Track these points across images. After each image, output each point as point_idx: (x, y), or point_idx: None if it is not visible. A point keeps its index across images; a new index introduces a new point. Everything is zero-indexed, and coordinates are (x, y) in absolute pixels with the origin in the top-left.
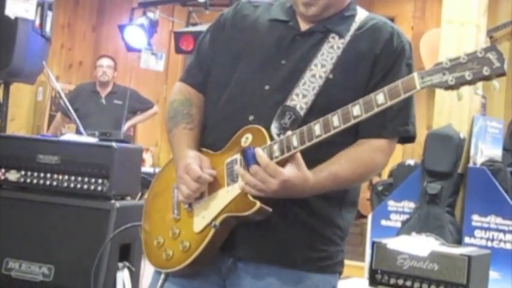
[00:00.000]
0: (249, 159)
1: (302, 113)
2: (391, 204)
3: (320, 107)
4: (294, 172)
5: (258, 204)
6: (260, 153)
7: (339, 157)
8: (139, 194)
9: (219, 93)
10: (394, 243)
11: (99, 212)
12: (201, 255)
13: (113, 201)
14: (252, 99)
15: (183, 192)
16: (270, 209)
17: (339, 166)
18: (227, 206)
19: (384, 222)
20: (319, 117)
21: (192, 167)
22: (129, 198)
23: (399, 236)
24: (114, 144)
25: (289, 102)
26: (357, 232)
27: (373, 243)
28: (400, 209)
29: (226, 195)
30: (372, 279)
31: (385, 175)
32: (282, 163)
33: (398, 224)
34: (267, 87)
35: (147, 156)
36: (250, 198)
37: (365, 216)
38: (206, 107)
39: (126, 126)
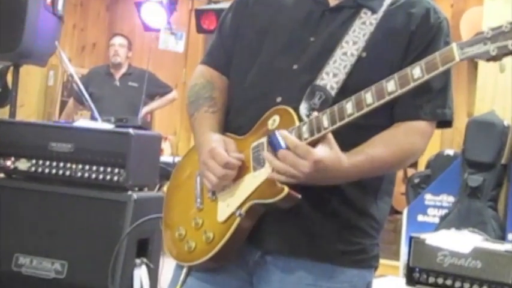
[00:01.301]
0: (276, 143)
1: (333, 93)
2: (429, 198)
3: (352, 86)
4: (327, 152)
5: (286, 189)
6: (287, 134)
7: (375, 140)
8: (157, 186)
9: (244, 75)
10: (433, 238)
11: (115, 204)
12: (226, 246)
13: (129, 193)
14: (279, 80)
15: (210, 180)
16: (299, 195)
17: (375, 149)
18: (253, 192)
19: (420, 218)
20: (351, 96)
21: (218, 151)
22: (146, 189)
23: (438, 232)
24: (131, 130)
25: (318, 82)
26: (390, 229)
27: (410, 238)
28: (438, 203)
29: (252, 181)
30: (409, 278)
31: (421, 166)
32: (312, 145)
33: (436, 220)
34: (295, 66)
35: (165, 146)
36: (278, 183)
37: (399, 212)
38: (230, 89)
39: (142, 112)
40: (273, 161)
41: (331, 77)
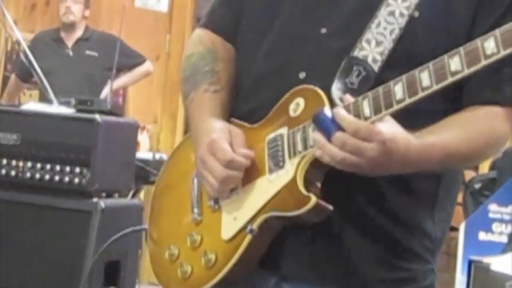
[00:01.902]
0: (327, 124)
1: (376, 67)
2: (494, 209)
3: (402, 58)
4: (394, 129)
5: (314, 199)
6: (343, 114)
7: (447, 122)
8: (132, 191)
9: (256, 43)
10: (500, 263)
11: (76, 215)
12: (232, 272)
13: (95, 200)
14: (302, 49)
15: (209, 184)
16: (331, 207)
17: (449, 132)
18: (269, 202)
19: (482, 236)
20: (400, 73)
21: (220, 145)
22: (117, 195)
23: (506, 254)
24: (97, 117)
25: (357, 53)
26: (442, 250)
27: (469, 263)
28: (506, 216)
29: (267, 186)
30: None
31: (484, 168)
32: None
33: (504, 239)
34: (323, 30)
35: (142, 138)
36: (303, 190)
37: (454, 228)
38: (238, 62)
39: (104, 91)
40: (325, 146)
41: (374, 45)
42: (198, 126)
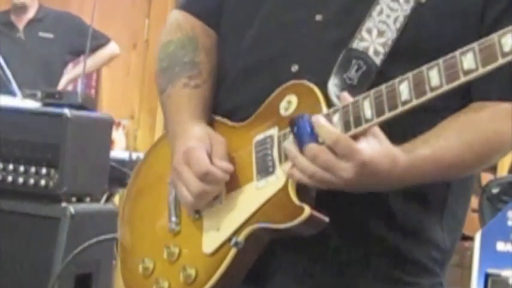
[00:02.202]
0: (303, 132)
1: (378, 61)
2: None
3: (407, 50)
4: (376, 149)
5: (308, 210)
6: (322, 122)
7: (443, 127)
8: (106, 194)
9: (242, 30)
10: None
11: (43, 222)
12: None
13: (64, 204)
14: (295, 39)
15: (183, 197)
16: (327, 218)
17: (444, 141)
18: (257, 212)
19: (501, 247)
20: (405, 68)
21: (196, 155)
22: (89, 199)
23: None
24: (66, 111)
25: (356, 44)
26: (454, 263)
27: (486, 276)
28: None
29: (255, 194)
30: None
31: (503, 170)
32: None
33: None
34: (318, 17)
35: (117, 135)
36: (295, 200)
37: (469, 238)
38: (221, 51)
39: (65, 80)
40: (296, 158)
41: (376, 36)
42: (176, 128)
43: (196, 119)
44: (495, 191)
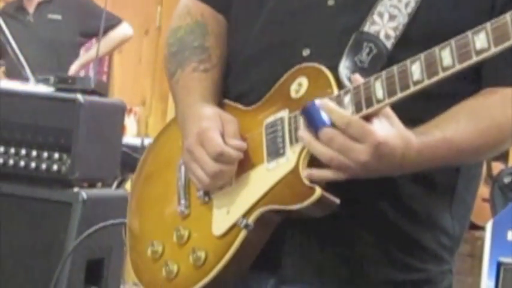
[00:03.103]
0: (316, 117)
1: (389, 44)
2: None
3: (418, 35)
4: (389, 130)
5: (319, 190)
6: (332, 107)
7: (455, 112)
8: (118, 180)
9: (251, 14)
10: None
11: (55, 207)
12: (225, 272)
13: (76, 190)
14: (306, 23)
15: (199, 178)
16: (337, 200)
17: (456, 125)
18: (267, 194)
19: None
20: (416, 52)
21: (210, 135)
22: (101, 184)
23: None
24: (79, 96)
25: (367, 27)
26: (465, 252)
27: (498, 265)
28: None
29: (265, 176)
30: None
31: None
32: None
33: None
34: (330, 2)
35: (129, 122)
36: (306, 181)
37: (480, 227)
38: (231, 36)
39: (77, 65)
40: (311, 143)
41: (387, 20)
42: (186, 111)
43: (206, 101)
44: (507, 180)
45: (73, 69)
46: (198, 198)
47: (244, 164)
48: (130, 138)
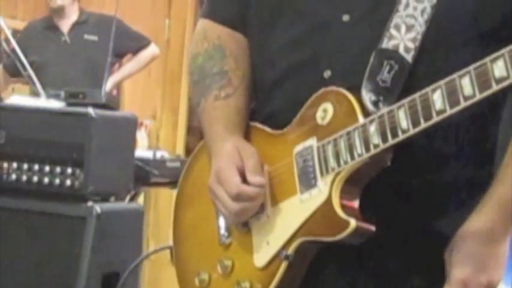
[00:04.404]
0: None
1: (409, 57)
2: None
3: (437, 43)
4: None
5: (353, 223)
6: None
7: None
8: (131, 193)
9: (269, 33)
10: None
11: (69, 221)
12: None
13: (90, 204)
14: (325, 42)
15: (224, 215)
16: (373, 227)
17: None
18: (303, 225)
19: None
20: (438, 60)
21: (226, 175)
22: (114, 198)
23: None
24: (91, 111)
25: (386, 43)
26: None
27: None
28: None
29: (299, 207)
30: None
31: None
32: (385, 154)
33: None
34: (346, 17)
35: (140, 135)
36: (341, 213)
37: None
38: (253, 54)
39: (111, 83)
40: None
41: (404, 32)
42: (210, 145)
43: (228, 132)
44: None
45: (108, 87)
46: (238, 228)
47: (279, 194)
48: (142, 151)
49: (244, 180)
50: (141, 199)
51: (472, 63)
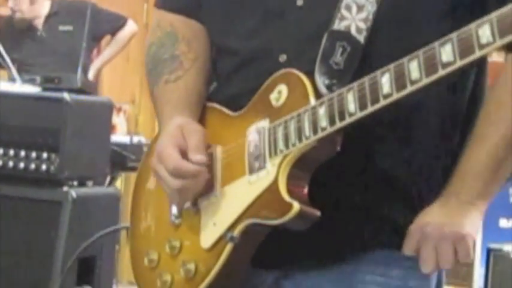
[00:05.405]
0: None
1: (361, 38)
2: None
3: (390, 21)
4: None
5: (297, 207)
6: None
7: (484, 115)
8: (108, 178)
9: (224, 20)
10: None
11: (45, 206)
12: (215, 284)
13: (66, 189)
14: (280, 27)
15: (169, 195)
16: (317, 212)
17: (495, 134)
18: (250, 207)
19: (504, 223)
20: (390, 40)
21: (166, 153)
22: (91, 183)
23: None
24: (66, 95)
25: (337, 25)
26: None
27: (488, 251)
28: None
29: (247, 189)
30: None
31: None
32: (335, 137)
33: None
34: (299, 2)
35: (118, 120)
36: (285, 196)
37: None
38: (213, 34)
39: (93, 69)
40: None
41: (355, 12)
42: (160, 125)
43: (176, 112)
44: None
45: (91, 74)
46: (188, 209)
47: (229, 175)
48: (119, 136)
49: (187, 158)
50: (119, 183)
51: (426, 43)
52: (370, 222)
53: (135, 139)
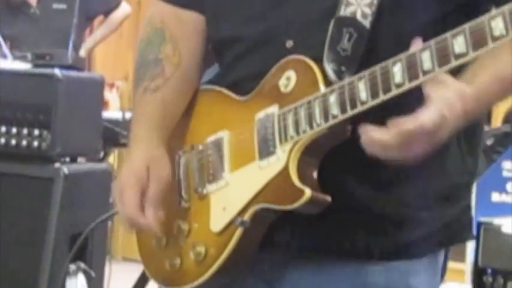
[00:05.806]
0: None
1: (367, 23)
2: (508, 167)
3: (394, 5)
4: (436, 111)
5: (308, 193)
6: (376, 137)
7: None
8: (101, 154)
9: (231, 5)
10: None
11: (37, 183)
12: (225, 267)
13: (57, 165)
14: (287, 12)
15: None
16: (328, 198)
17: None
18: (260, 192)
19: (496, 197)
20: (395, 25)
21: (126, 197)
22: (84, 160)
23: None
24: (57, 72)
25: (343, 11)
26: None
27: (478, 225)
28: None
29: (258, 174)
30: (479, 284)
31: (497, 121)
32: (345, 125)
33: None
34: None
35: (111, 97)
36: (296, 182)
37: None
38: (217, 23)
39: (84, 48)
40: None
41: None
42: (131, 140)
43: (148, 135)
44: (489, 142)
45: (82, 53)
46: (196, 191)
47: (239, 160)
48: (112, 112)
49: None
50: (111, 159)
51: (432, 28)
52: (371, 221)
53: (128, 115)
